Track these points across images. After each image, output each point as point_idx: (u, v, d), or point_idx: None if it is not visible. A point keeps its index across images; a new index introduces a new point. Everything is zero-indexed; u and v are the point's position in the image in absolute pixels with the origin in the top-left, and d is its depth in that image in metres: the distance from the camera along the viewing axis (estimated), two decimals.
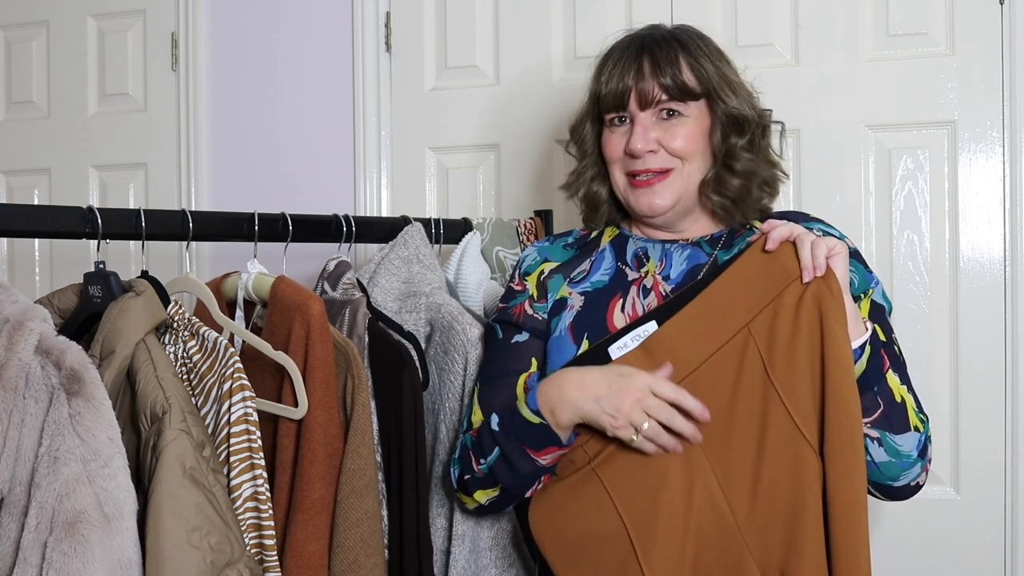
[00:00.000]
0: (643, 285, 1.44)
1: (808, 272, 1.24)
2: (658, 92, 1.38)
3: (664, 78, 1.38)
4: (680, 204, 1.42)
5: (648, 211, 1.42)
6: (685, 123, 1.39)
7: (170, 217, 1.38)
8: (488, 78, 2.28)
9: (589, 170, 1.49)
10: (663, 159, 1.40)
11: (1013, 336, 1.97)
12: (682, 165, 1.40)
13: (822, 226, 1.46)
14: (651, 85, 1.38)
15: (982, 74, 1.98)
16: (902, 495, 1.33)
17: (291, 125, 2.42)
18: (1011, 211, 1.98)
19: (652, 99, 1.38)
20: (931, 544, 2.01)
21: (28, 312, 1.15)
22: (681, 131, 1.39)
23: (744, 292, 1.29)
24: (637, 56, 1.40)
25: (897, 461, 1.28)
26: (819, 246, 1.25)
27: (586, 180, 1.49)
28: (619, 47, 1.44)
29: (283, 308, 1.40)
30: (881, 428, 1.26)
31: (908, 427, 1.27)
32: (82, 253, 2.44)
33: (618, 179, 1.44)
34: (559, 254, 1.52)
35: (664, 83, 1.38)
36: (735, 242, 1.45)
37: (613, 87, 1.40)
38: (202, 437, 1.21)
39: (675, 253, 1.46)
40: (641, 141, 1.38)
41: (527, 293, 1.49)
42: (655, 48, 1.40)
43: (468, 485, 1.41)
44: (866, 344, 1.26)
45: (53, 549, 1.06)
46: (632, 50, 1.41)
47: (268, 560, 1.28)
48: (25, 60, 2.65)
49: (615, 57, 1.42)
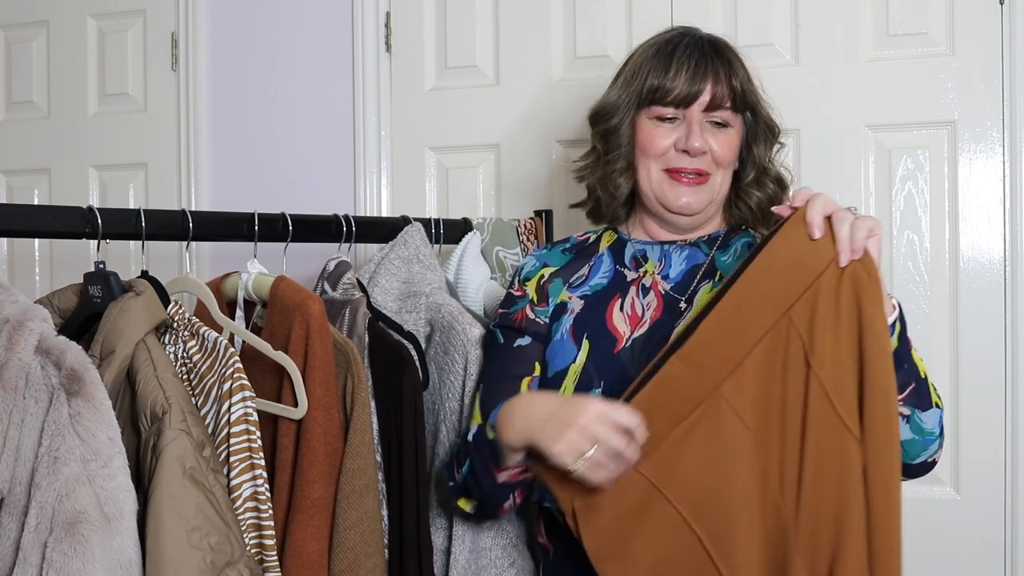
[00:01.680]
0: (642, 284, 1.44)
1: (846, 255, 1.19)
2: (727, 98, 1.40)
3: (736, 83, 1.40)
4: (707, 209, 1.45)
5: (684, 208, 1.42)
6: (729, 132, 1.42)
7: (170, 217, 1.38)
8: (488, 78, 2.28)
9: (619, 161, 1.46)
10: (707, 162, 1.41)
11: (1013, 336, 1.97)
12: (717, 172, 1.42)
13: None
14: (724, 90, 1.40)
15: (982, 74, 1.98)
16: (919, 472, 1.33)
17: (291, 125, 2.42)
18: (1011, 211, 1.97)
19: (720, 104, 1.40)
20: (931, 544, 2.01)
21: (28, 312, 1.15)
22: (726, 139, 1.42)
23: (781, 277, 1.23)
24: (711, 59, 1.40)
25: (920, 439, 1.28)
26: (859, 228, 1.19)
27: (614, 171, 1.46)
28: (684, 43, 1.42)
29: (283, 308, 1.41)
30: (912, 405, 1.26)
31: (931, 404, 1.28)
32: (82, 253, 2.44)
33: (653, 173, 1.43)
34: (557, 259, 1.53)
35: (736, 89, 1.40)
36: (732, 242, 1.46)
37: (686, 85, 1.39)
38: (202, 437, 1.21)
39: (674, 253, 1.46)
40: (699, 140, 1.39)
41: (527, 298, 1.49)
42: (727, 54, 1.42)
43: (452, 492, 1.43)
44: (896, 321, 1.24)
45: (53, 549, 1.06)
46: (705, 51, 1.41)
47: (268, 560, 1.28)
48: (25, 60, 2.65)
49: (685, 54, 1.40)
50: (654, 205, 1.45)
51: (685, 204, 1.42)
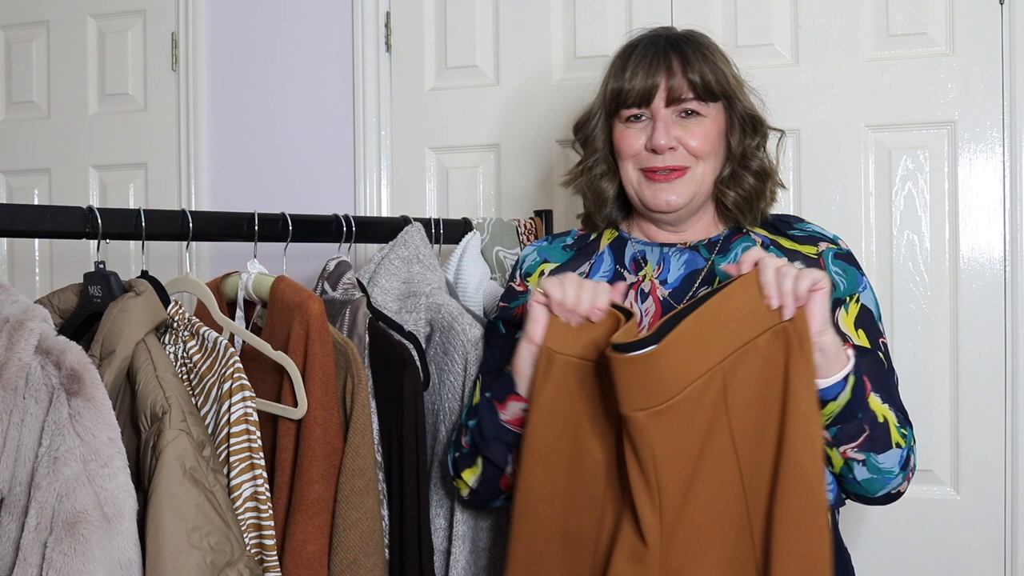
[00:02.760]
0: (641, 289, 1.44)
1: (789, 308, 1.16)
2: (687, 90, 1.39)
3: (693, 75, 1.39)
4: (692, 203, 1.43)
5: (664, 207, 1.42)
6: (703, 123, 1.41)
7: (170, 217, 1.38)
8: (488, 78, 2.28)
9: (598, 166, 1.48)
10: (681, 157, 1.41)
11: (1013, 336, 1.97)
12: (697, 164, 1.41)
13: (815, 228, 1.46)
14: (681, 82, 1.39)
15: (982, 74, 1.98)
16: (882, 503, 1.33)
17: (291, 125, 2.42)
18: (1011, 211, 1.98)
19: (680, 96, 1.39)
20: (931, 544, 2.01)
21: (28, 312, 1.15)
22: (699, 130, 1.40)
23: (723, 327, 1.17)
24: (666, 53, 1.40)
25: (879, 477, 1.28)
26: (802, 278, 1.16)
27: (595, 176, 1.49)
28: (642, 43, 1.43)
29: (283, 308, 1.41)
30: (865, 451, 1.26)
31: (890, 445, 1.28)
32: (82, 253, 2.44)
33: (631, 175, 1.44)
34: (558, 255, 1.53)
35: (693, 80, 1.39)
36: (732, 246, 1.45)
37: (640, 83, 1.40)
38: (202, 437, 1.21)
39: (673, 258, 1.46)
40: (664, 137, 1.39)
41: (527, 295, 1.49)
42: (683, 46, 1.41)
43: (457, 465, 1.42)
44: (849, 375, 1.22)
45: (53, 549, 1.06)
46: (659, 47, 1.41)
47: (268, 560, 1.28)
48: (25, 60, 2.65)
49: (640, 53, 1.42)
50: (638, 206, 1.46)
51: (665, 202, 1.42)
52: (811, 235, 1.45)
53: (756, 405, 1.18)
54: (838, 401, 1.22)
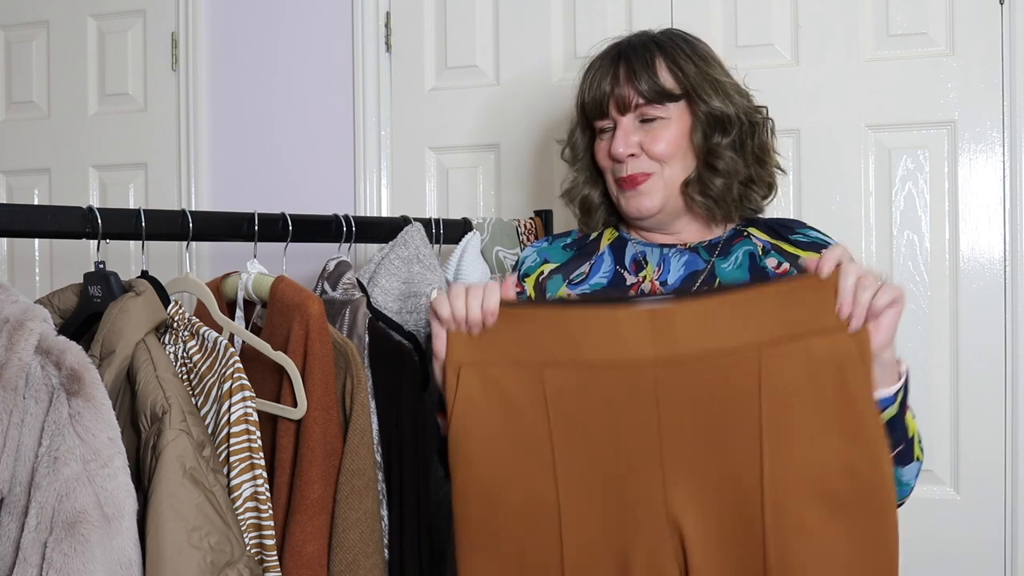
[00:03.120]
0: (641, 290, 1.44)
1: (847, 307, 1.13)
2: (634, 96, 1.40)
3: (639, 83, 1.40)
4: (668, 205, 1.43)
5: (637, 213, 1.44)
6: (666, 125, 1.41)
7: (170, 217, 1.38)
8: (488, 78, 2.28)
9: (581, 175, 1.52)
10: (644, 163, 1.41)
11: (1013, 336, 1.97)
12: (662, 168, 1.42)
13: (817, 234, 1.46)
14: (627, 90, 1.40)
15: (982, 74, 1.98)
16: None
17: (291, 125, 2.42)
18: (1011, 211, 1.98)
19: (629, 103, 1.41)
20: (931, 544, 2.01)
21: (28, 312, 1.15)
22: (662, 134, 1.41)
23: (776, 310, 1.15)
24: (613, 63, 1.43)
25: (899, 490, 1.28)
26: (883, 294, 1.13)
27: (579, 185, 1.52)
28: (600, 56, 1.47)
29: (283, 308, 1.41)
30: (896, 465, 1.26)
31: (913, 458, 1.28)
32: (82, 253, 2.44)
33: (611, 185, 1.47)
34: (558, 255, 1.53)
35: (640, 87, 1.40)
36: (733, 249, 1.45)
37: (593, 95, 1.44)
38: (202, 437, 1.21)
39: (673, 259, 1.46)
40: (622, 145, 1.41)
41: (525, 295, 1.50)
42: (631, 53, 1.43)
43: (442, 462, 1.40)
44: (899, 390, 1.22)
45: (53, 549, 1.06)
46: (609, 58, 1.44)
47: (268, 560, 1.28)
48: (25, 60, 2.65)
49: (595, 66, 1.46)
50: (623, 213, 1.48)
51: (635, 208, 1.43)
52: (814, 241, 1.44)
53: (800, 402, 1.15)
54: (884, 414, 1.21)
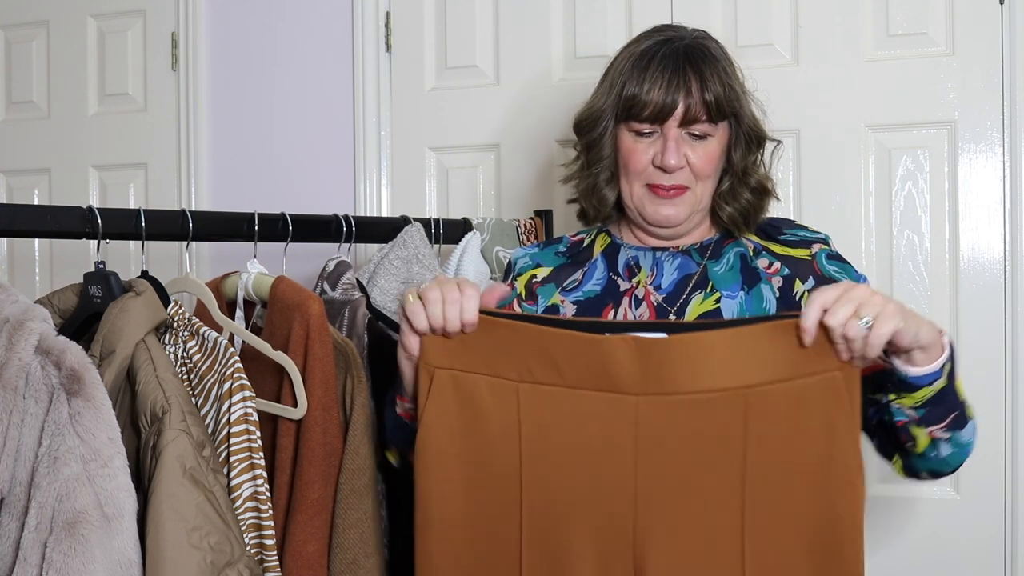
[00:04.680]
0: (635, 295, 1.44)
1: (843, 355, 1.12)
2: (702, 112, 1.37)
3: (709, 96, 1.36)
4: (690, 219, 1.43)
5: (664, 221, 1.42)
6: (710, 143, 1.39)
7: (170, 217, 1.38)
8: (488, 78, 2.28)
9: (604, 172, 1.46)
10: (685, 176, 1.40)
11: (1013, 336, 1.97)
12: (696, 184, 1.40)
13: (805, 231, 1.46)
14: (698, 104, 1.37)
15: (982, 74, 1.98)
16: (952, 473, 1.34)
17: (291, 125, 2.42)
18: (1011, 211, 1.98)
19: (695, 118, 1.37)
20: (931, 544, 2.01)
21: (28, 312, 1.15)
22: (706, 151, 1.39)
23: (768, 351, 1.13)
24: (685, 71, 1.37)
25: (960, 451, 1.28)
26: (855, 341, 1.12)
27: (600, 182, 1.46)
28: (660, 53, 1.40)
29: (283, 308, 1.41)
30: (951, 429, 1.25)
31: (967, 418, 1.27)
32: (82, 253, 2.44)
33: (636, 190, 1.42)
34: (551, 260, 1.52)
35: (708, 101, 1.37)
36: (724, 251, 1.45)
37: (659, 100, 1.37)
38: (202, 437, 1.21)
39: (666, 263, 1.46)
40: (675, 157, 1.37)
41: (516, 291, 1.49)
42: (701, 64, 1.38)
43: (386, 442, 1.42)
44: (945, 363, 1.20)
45: (53, 549, 1.06)
46: (679, 62, 1.38)
47: (268, 560, 1.28)
48: (25, 60, 2.66)
49: (659, 66, 1.38)
50: (635, 217, 1.45)
51: (664, 217, 1.41)
52: (802, 239, 1.44)
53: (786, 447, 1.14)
54: (932, 387, 1.20)
